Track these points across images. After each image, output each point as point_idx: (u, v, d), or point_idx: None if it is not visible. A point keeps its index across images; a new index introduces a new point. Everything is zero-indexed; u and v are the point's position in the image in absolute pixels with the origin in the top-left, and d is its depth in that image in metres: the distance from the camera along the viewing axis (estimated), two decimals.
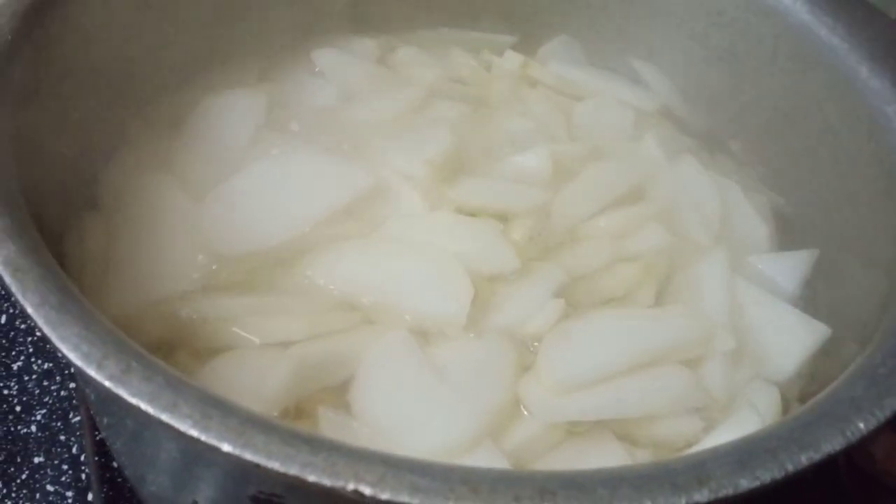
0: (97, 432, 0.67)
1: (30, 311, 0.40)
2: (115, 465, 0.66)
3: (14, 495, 0.66)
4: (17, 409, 0.72)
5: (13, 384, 0.73)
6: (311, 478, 0.35)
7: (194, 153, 0.68)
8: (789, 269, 0.67)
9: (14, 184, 0.49)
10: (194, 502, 0.49)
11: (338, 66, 0.79)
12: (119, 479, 0.65)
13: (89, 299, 0.43)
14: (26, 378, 0.74)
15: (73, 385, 0.73)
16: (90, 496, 0.66)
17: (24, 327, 0.77)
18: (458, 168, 0.70)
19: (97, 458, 0.66)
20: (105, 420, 0.59)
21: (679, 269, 0.66)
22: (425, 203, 0.65)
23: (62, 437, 0.70)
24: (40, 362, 0.75)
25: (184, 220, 0.63)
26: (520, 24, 0.86)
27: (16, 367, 0.75)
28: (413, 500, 0.35)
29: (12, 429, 0.70)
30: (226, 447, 0.35)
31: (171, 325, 0.57)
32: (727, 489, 0.36)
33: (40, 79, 0.58)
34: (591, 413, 0.55)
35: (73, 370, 0.70)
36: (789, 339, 0.61)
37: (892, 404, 0.41)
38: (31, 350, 0.76)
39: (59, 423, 0.71)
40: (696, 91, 0.82)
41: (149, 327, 0.56)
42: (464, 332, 0.58)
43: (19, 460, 0.68)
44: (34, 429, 0.71)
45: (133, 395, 0.37)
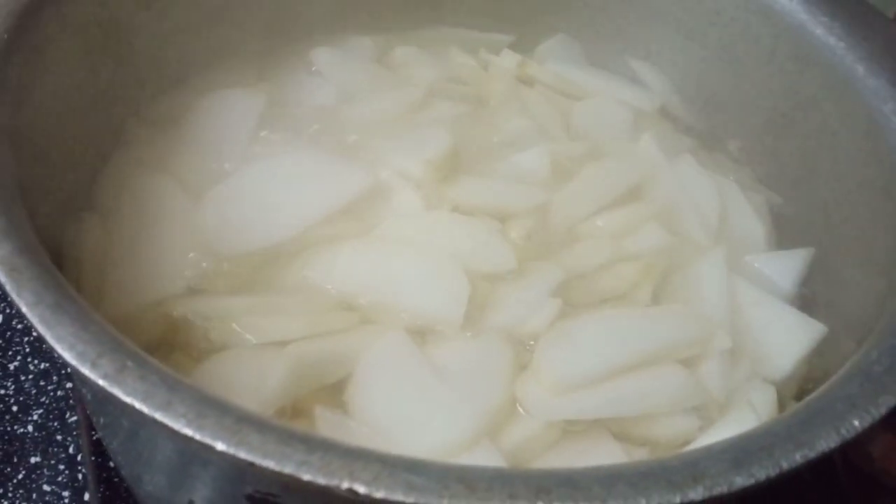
0: (94, 432, 0.67)
1: (24, 310, 0.40)
2: (111, 464, 0.65)
3: (10, 495, 0.66)
4: (14, 408, 0.72)
5: (10, 384, 0.73)
6: (306, 477, 0.35)
7: (192, 153, 0.68)
8: (787, 268, 0.67)
9: (11, 183, 0.49)
10: (190, 502, 0.49)
11: (336, 65, 0.79)
12: (116, 479, 0.65)
13: (87, 299, 0.43)
14: (23, 378, 0.74)
15: (69, 385, 0.73)
16: (87, 496, 0.66)
17: (20, 327, 0.77)
18: (456, 167, 0.69)
19: (94, 458, 0.66)
20: (101, 420, 0.59)
21: (677, 268, 0.66)
22: (423, 203, 0.65)
23: (59, 437, 0.70)
24: (37, 362, 0.75)
25: (182, 219, 0.63)
26: (517, 24, 0.86)
27: (12, 367, 0.74)
28: (408, 499, 0.35)
29: (9, 429, 0.70)
30: (220, 446, 0.35)
31: (169, 325, 0.57)
32: (722, 487, 0.36)
33: (37, 78, 0.58)
34: (588, 412, 0.54)
35: (69, 370, 0.70)
36: (787, 337, 0.61)
37: (888, 402, 0.41)
38: (28, 350, 0.76)
39: (55, 423, 0.71)
40: (695, 91, 0.82)
41: (147, 327, 0.56)
42: (461, 332, 0.58)
43: (16, 460, 0.68)
44: (31, 429, 0.70)
45: (128, 394, 0.37)
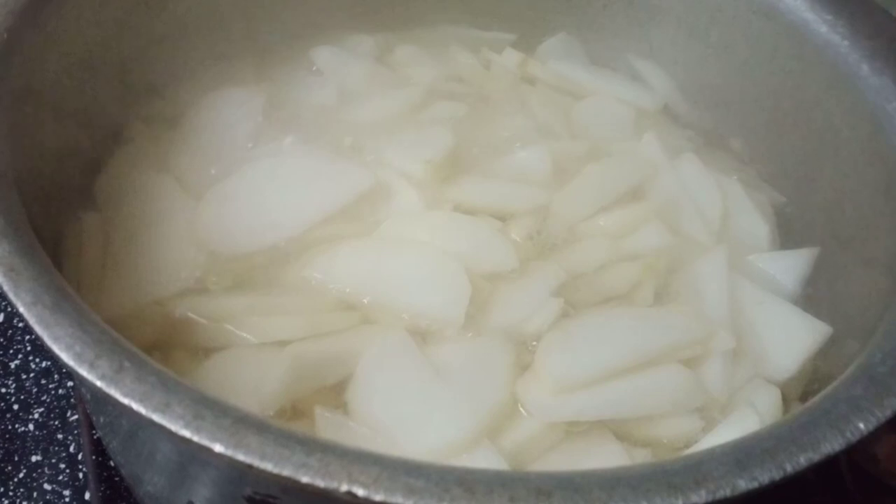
0: (94, 431, 0.67)
1: (22, 310, 0.40)
2: (112, 464, 0.65)
3: (11, 494, 0.66)
4: (15, 407, 0.71)
5: (11, 382, 0.73)
6: (305, 479, 0.35)
7: (192, 152, 0.68)
8: (790, 267, 0.66)
9: (10, 183, 0.49)
10: (189, 502, 0.49)
11: (336, 64, 0.78)
12: (116, 479, 0.65)
13: (87, 298, 0.43)
14: (24, 377, 0.74)
15: (70, 384, 0.73)
16: (87, 495, 0.66)
17: (21, 325, 0.77)
18: (457, 167, 0.69)
19: (94, 457, 0.66)
20: (101, 419, 0.59)
21: (679, 268, 0.66)
22: (424, 202, 0.65)
23: (60, 436, 0.70)
24: (38, 361, 0.75)
25: (181, 219, 0.63)
26: (519, 22, 0.85)
27: (13, 365, 0.74)
28: (407, 502, 0.34)
29: (10, 427, 0.70)
30: (218, 448, 0.35)
31: (169, 325, 0.57)
32: (725, 490, 0.36)
33: (37, 77, 0.58)
34: (589, 413, 0.54)
35: None
36: (790, 338, 0.61)
37: (893, 404, 0.41)
38: (29, 348, 0.75)
39: (56, 422, 0.71)
40: (697, 89, 0.81)
41: (146, 326, 0.56)
42: (462, 332, 0.58)
43: (17, 459, 0.68)
44: (32, 427, 0.70)
45: (125, 395, 0.37)
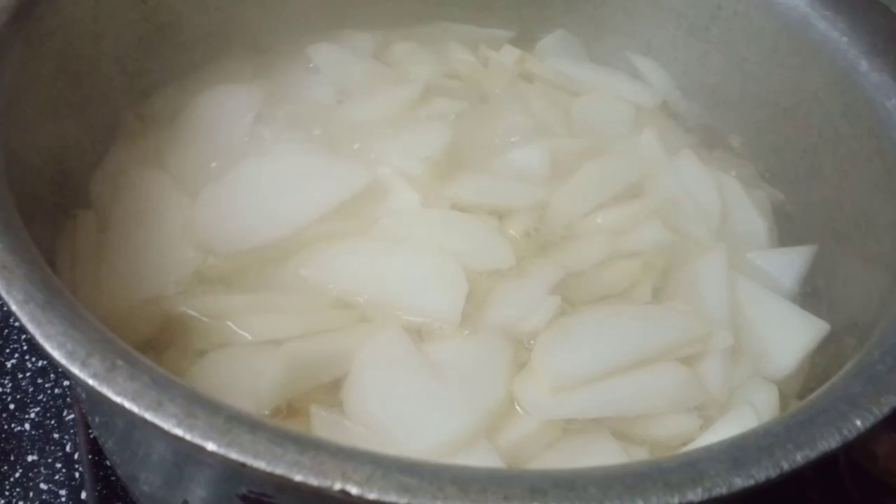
0: (91, 431, 0.67)
1: (14, 308, 0.39)
2: (108, 463, 0.65)
3: (7, 493, 0.66)
4: (11, 406, 0.71)
5: (7, 382, 0.73)
6: (298, 477, 0.35)
7: (188, 150, 0.68)
8: (788, 265, 0.66)
9: (2, 180, 0.49)
10: (184, 502, 0.49)
11: (333, 61, 0.78)
12: (113, 478, 0.65)
13: (82, 297, 0.43)
14: (20, 376, 0.73)
15: (67, 383, 0.73)
16: (84, 495, 0.66)
17: (18, 325, 0.76)
18: (455, 164, 0.69)
19: (91, 457, 0.66)
20: (97, 419, 0.59)
21: (678, 265, 0.65)
22: (422, 200, 0.65)
23: (56, 436, 0.70)
24: (34, 360, 0.75)
25: (177, 216, 0.63)
26: (517, 19, 0.85)
27: (10, 364, 0.74)
28: (401, 500, 0.34)
29: (6, 427, 0.70)
30: (211, 446, 0.35)
31: (164, 323, 0.57)
32: (721, 488, 0.35)
33: (32, 75, 0.58)
34: (587, 411, 0.54)
35: None
36: (788, 335, 0.61)
37: (890, 402, 0.41)
38: (26, 348, 0.75)
39: (52, 422, 0.71)
40: (696, 86, 0.81)
41: (141, 324, 0.56)
42: (459, 330, 0.57)
43: (13, 458, 0.68)
44: (28, 427, 0.70)
45: (117, 393, 0.36)
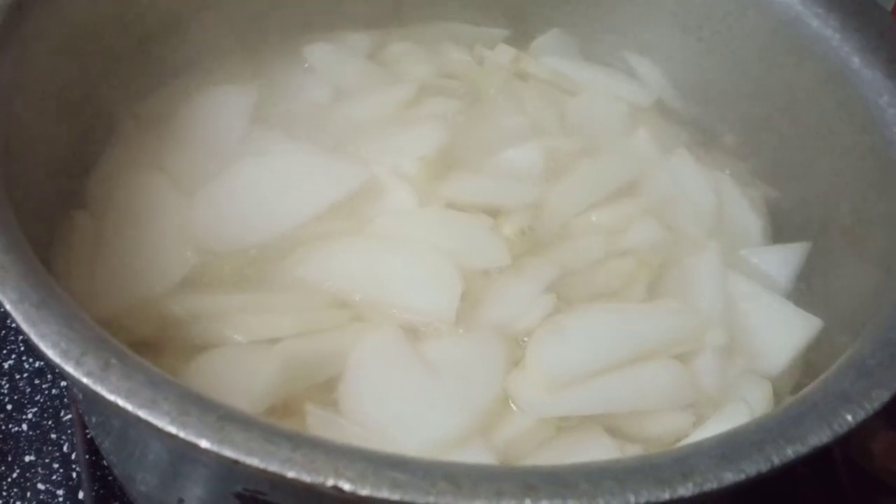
0: (88, 431, 0.67)
1: (8, 307, 0.40)
2: (105, 463, 0.65)
3: (5, 494, 0.66)
4: (8, 407, 0.71)
5: (4, 382, 0.73)
6: (291, 474, 0.35)
7: (184, 150, 0.68)
8: (782, 262, 0.66)
9: None
10: (180, 500, 0.49)
11: (329, 61, 0.78)
12: (110, 478, 0.65)
13: (78, 297, 0.43)
14: (17, 377, 0.73)
15: (64, 384, 0.73)
16: (81, 494, 0.66)
17: (15, 326, 0.75)
18: (450, 164, 0.69)
19: (88, 457, 0.66)
20: (94, 419, 0.59)
21: (672, 263, 0.66)
22: (417, 199, 0.65)
23: (53, 436, 0.70)
24: (31, 361, 0.75)
25: (173, 217, 0.63)
26: (512, 18, 0.85)
27: (7, 365, 0.74)
28: (393, 496, 0.34)
29: (3, 427, 0.70)
30: (204, 444, 0.35)
31: (160, 323, 0.57)
32: (712, 483, 0.36)
33: (28, 74, 0.58)
34: (581, 408, 0.54)
35: None
36: (782, 332, 0.61)
37: (881, 396, 0.41)
38: (23, 348, 0.75)
39: (49, 422, 0.71)
40: (691, 85, 0.81)
41: (137, 325, 0.56)
42: (454, 328, 0.57)
43: (10, 459, 0.68)
44: (25, 427, 0.70)
45: (111, 391, 0.37)
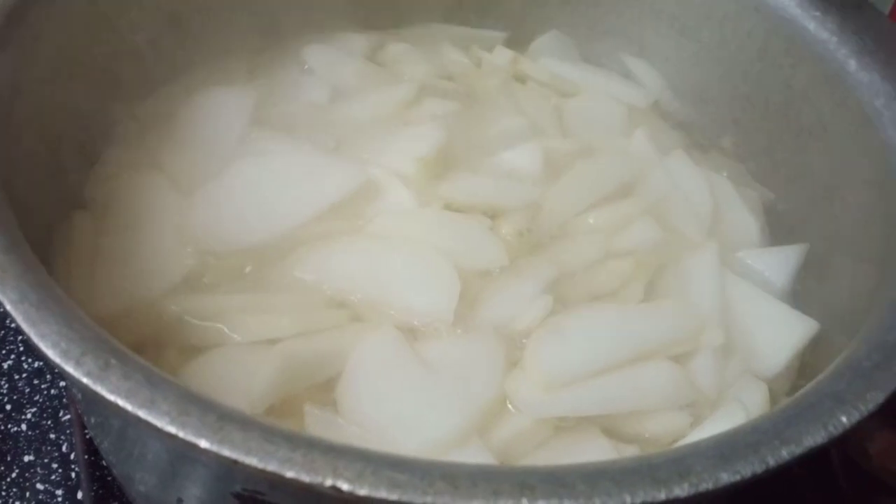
0: (86, 431, 0.67)
1: (9, 307, 0.40)
2: (104, 463, 0.65)
3: (4, 493, 0.66)
4: (8, 407, 0.72)
5: (3, 383, 0.73)
6: (290, 474, 0.35)
7: (183, 150, 0.68)
8: (779, 264, 0.67)
9: None
10: (179, 500, 0.49)
11: (328, 63, 0.78)
12: (109, 478, 0.65)
13: (78, 298, 0.43)
14: (16, 377, 0.74)
15: (63, 384, 0.73)
16: (80, 494, 0.66)
17: (14, 325, 0.75)
18: (448, 165, 0.69)
19: (87, 457, 0.66)
20: (93, 419, 0.59)
21: (669, 264, 0.66)
22: (415, 200, 0.65)
23: (52, 436, 0.70)
24: (31, 361, 0.75)
25: (172, 217, 0.63)
26: (510, 20, 0.86)
27: (6, 365, 0.74)
28: (391, 496, 0.34)
29: (2, 427, 0.70)
30: (203, 443, 0.35)
31: (160, 323, 0.57)
32: (707, 483, 0.36)
33: (26, 77, 0.58)
34: (579, 409, 0.54)
35: None
36: (779, 333, 0.61)
37: (876, 398, 0.41)
38: (22, 349, 0.76)
39: (49, 422, 0.71)
40: (688, 87, 0.82)
41: (137, 325, 0.56)
42: (452, 329, 0.58)
43: (9, 459, 0.68)
44: (24, 427, 0.70)
45: (111, 391, 0.37)
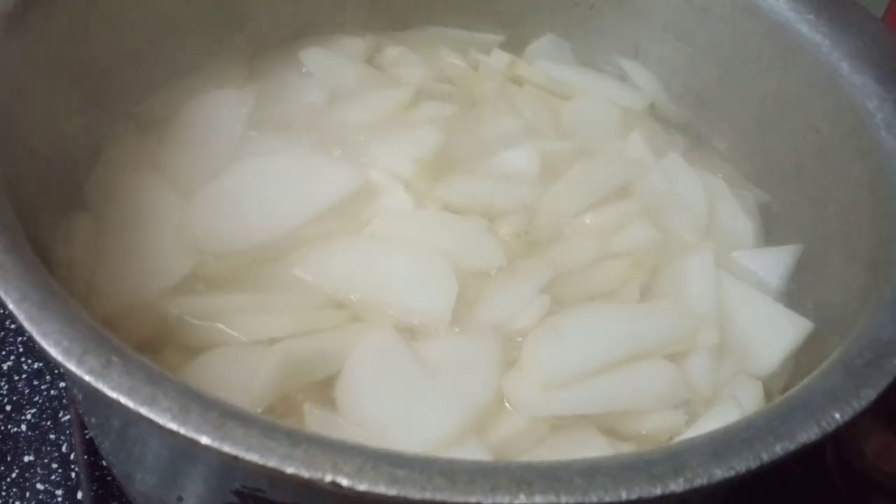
0: (86, 431, 0.67)
1: (11, 306, 0.40)
2: (104, 463, 0.66)
3: (4, 494, 0.66)
4: (7, 408, 0.72)
5: (3, 383, 0.73)
6: (290, 470, 0.35)
7: (182, 152, 0.68)
8: (774, 264, 0.67)
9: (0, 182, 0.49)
10: (179, 498, 0.50)
11: (326, 65, 0.79)
12: (108, 478, 0.65)
13: (78, 298, 0.43)
14: (16, 378, 0.74)
15: (62, 385, 0.74)
16: (80, 495, 0.66)
17: (14, 327, 0.77)
18: (446, 166, 0.70)
19: (86, 457, 0.66)
20: (93, 419, 0.59)
21: (665, 265, 0.66)
22: (413, 201, 0.66)
23: (52, 436, 0.70)
24: (30, 362, 0.75)
25: (172, 218, 0.63)
26: (507, 23, 0.86)
27: (6, 366, 0.75)
28: (390, 492, 0.35)
29: (2, 428, 0.70)
30: (204, 440, 0.36)
31: (159, 324, 0.57)
32: (702, 479, 0.36)
33: (26, 77, 0.58)
34: (575, 408, 0.55)
35: (62, 370, 0.70)
36: (773, 333, 0.61)
37: (869, 395, 0.41)
38: (21, 350, 0.76)
39: (48, 423, 0.71)
40: (683, 89, 0.82)
41: (137, 326, 0.57)
42: (450, 329, 0.58)
43: (9, 459, 0.69)
44: (24, 428, 0.71)
45: (113, 389, 0.37)
